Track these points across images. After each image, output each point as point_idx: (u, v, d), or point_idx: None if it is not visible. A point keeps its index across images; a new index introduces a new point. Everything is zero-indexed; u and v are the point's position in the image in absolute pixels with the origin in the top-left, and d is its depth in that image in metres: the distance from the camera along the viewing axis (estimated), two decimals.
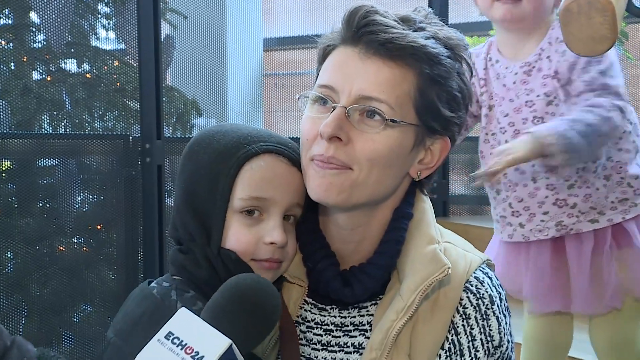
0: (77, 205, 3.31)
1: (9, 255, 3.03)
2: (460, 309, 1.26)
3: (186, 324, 1.04)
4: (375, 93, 1.20)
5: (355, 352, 1.26)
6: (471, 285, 1.27)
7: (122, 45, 3.55)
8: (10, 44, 3.22)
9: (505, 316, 1.30)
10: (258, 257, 1.23)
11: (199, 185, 1.24)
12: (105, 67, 3.49)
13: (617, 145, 2.09)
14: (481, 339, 1.26)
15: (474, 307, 1.26)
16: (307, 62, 5.28)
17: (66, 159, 3.20)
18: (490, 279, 1.30)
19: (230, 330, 1.05)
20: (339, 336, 1.28)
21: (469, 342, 1.26)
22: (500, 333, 1.28)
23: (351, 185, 1.21)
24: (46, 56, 3.32)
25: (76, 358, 3.13)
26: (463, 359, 1.25)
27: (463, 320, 1.26)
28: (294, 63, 5.75)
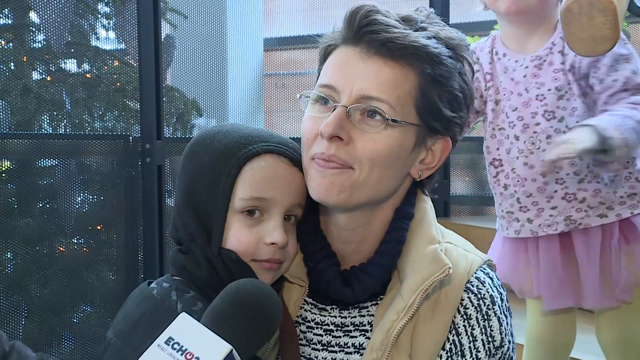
0: (77, 206, 3.31)
1: (8, 255, 3.03)
2: (461, 309, 1.25)
3: (186, 329, 1.04)
4: (376, 93, 1.20)
5: (355, 353, 1.26)
6: (472, 285, 1.27)
7: (122, 45, 3.54)
8: (10, 44, 3.22)
9: (506, 317, 1.30)
10: (258, 258, 1.23)
11: (200, 186, 1.24)
12: (105, 67, 3.48)
13: None
14: (482, 340, 1.26)
15: (475, 308, 1.26)
16: (308, 62, 5.27)
17: (66, 159, 3.20)
18: (491, 279, 1.30)
19: (231, 335, 1.05)
20: (340, 336, 1.28)
21: (470, 343, 1.25)
22: (501, 334, 1.27)
23: (352, 185, 1.21)
24: (46, 56, 3.32)
25: (76, 359, 3.13)
26: (464, 359, 1.25)
27: (464, 321, 1.25)
28: (295, 63, 5.74)
